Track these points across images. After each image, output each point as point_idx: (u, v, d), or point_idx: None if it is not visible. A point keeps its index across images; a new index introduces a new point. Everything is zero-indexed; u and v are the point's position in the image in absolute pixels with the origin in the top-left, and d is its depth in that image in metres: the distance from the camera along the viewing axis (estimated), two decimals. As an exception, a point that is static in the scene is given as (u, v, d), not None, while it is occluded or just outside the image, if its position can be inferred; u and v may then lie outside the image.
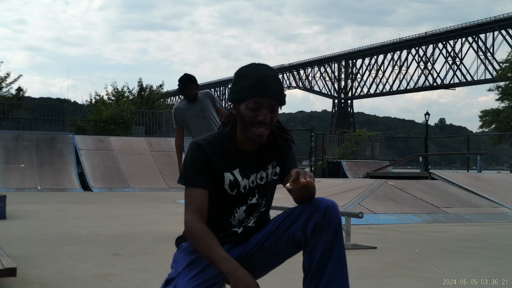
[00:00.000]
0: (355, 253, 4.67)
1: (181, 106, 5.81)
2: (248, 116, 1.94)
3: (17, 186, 15.04)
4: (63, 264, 3.94)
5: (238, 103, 1.97)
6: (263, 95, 1.93)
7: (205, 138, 2.01)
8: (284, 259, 2.08)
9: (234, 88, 1.99)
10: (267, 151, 2.06)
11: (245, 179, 2.03)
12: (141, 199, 12.17)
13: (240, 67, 2.03)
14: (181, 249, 2.05)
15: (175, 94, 70.84)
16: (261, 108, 1.94)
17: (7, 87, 29.49)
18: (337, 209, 1.97)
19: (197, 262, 1.93)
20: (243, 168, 2.03)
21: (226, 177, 2.00)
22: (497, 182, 10.48)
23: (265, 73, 1.96)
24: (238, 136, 2.01)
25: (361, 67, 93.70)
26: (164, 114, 21.94)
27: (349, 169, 22.58)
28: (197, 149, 1.98)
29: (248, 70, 1.98)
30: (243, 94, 1.95)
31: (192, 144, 2.00)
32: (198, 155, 1.97)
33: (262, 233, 2.05)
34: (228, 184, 2.01)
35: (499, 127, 37.41)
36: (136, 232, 5.96)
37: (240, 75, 1.99)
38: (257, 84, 1.94)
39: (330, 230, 1.94)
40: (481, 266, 4.15)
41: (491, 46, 71.44)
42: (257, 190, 2.06)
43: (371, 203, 7.98)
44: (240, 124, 1.98)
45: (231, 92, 2.01)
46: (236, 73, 2.02)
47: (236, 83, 1.99)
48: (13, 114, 21.99)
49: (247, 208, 2.06)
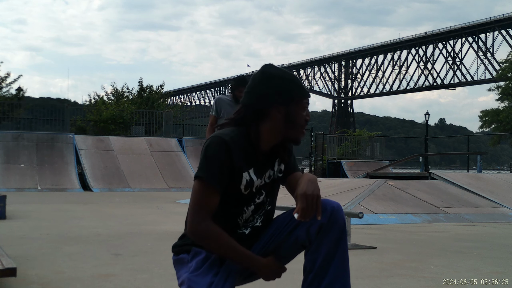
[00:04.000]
0: (355, 253, 4.66)
1: (226, 99, 5.75)
2: (302, 117, 1.97)
3: (17, 186, 15.03)
4: (63, 264, 3.94)
5: (286, 105, 1.95)
6: (307, 96, 2.00)
7: (229, 134, 1.94)
8: (288, 261, 2.08)
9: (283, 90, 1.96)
10: (281, 150, 2.04)
11: (259, 179, 2.01)
12: (141, 199, 12.17)
13: (266, 67, 2.01)
14: (192, 271, 1.93)
15: (175, 94, 70.83)
16: (307, 106, 2.00)
17: (7, 87, 29.54)
18: (342, 211, 1.98)
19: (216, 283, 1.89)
20: (257, 167, 2.00)
21: (244, 177, 1.96)
22: (497, 182, 10.48)
23: (294, 75, 2.02)
24: (263, 135, 1.97)
25: (361, 67, 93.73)
26: (164, 114, 21.94)
27: (349, 169, 22.57)
28: (223, 146, 1.90)
29: (280, 71, 1.99)
30: (295, 95, 1.96)
31: (217, 139, 1.91)
32: (223, 152, 1.90)
33: (267, 237, 2.04)
34: (244, 184, 1.97)
35: (499, 127, 37.42)
36: (136, 232, 5.96)
37: (279, 76, 1.98)
38: (301, 86, 1.99)
39: (335, 231, 1.94)
40: (481, 266, 4.15)
41: (491, 46, 71.47)
42: (264, 188, 2.04)
43: (371, 203, 7.97)
44: (284, 127, 1.96)
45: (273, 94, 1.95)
46: (266, 73, 1.99)
47: (279, 85, 1.96)
48: (13, 114, 21.99)
49: (255, 207, 2.03)
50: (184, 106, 49.13)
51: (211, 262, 1.93)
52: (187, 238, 2.01)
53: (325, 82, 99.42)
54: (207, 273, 1.90)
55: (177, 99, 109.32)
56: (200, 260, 1.93)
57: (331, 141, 25.26)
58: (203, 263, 1.92)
